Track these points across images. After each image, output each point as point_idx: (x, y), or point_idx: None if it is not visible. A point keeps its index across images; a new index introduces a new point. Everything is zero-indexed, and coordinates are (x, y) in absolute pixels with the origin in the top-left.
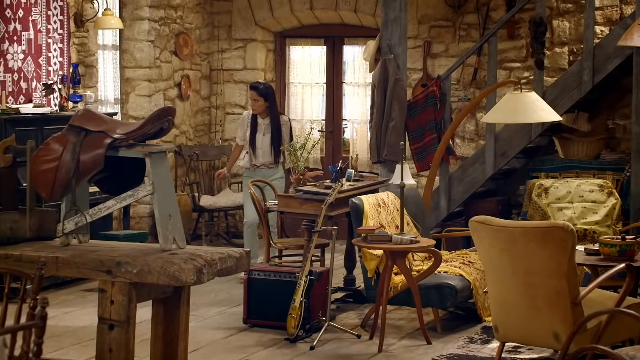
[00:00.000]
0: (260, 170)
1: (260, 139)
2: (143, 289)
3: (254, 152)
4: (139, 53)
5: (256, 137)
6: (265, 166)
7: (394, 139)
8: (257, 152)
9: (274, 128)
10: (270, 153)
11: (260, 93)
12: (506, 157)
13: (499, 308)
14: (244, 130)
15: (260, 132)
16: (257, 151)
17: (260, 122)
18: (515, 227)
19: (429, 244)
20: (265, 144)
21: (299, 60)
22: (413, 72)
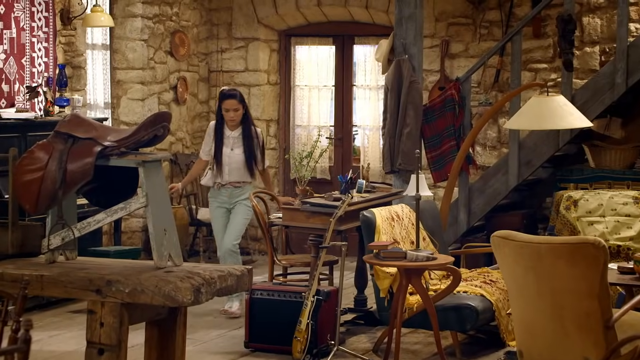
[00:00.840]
0: (226, 190)
1: (228, 154)
2: (135, 310)
3: (219, 169)
4: (131, 53)
5: (223, 152)
6: (232, 185)
7: (409, 146)
8: (223, 169)
9: (248, 141)
10: (244, 170)
11: (241, 100)
12: (531, 166)
13: (524, 331)
14: (210, 144)
15: (228, 146)
16: (224, 168)
17: (229, 134)
18: (542, 243)
19: (447, 261)
20: (236, 159)
21: (305, 61)
22: (429, 74)
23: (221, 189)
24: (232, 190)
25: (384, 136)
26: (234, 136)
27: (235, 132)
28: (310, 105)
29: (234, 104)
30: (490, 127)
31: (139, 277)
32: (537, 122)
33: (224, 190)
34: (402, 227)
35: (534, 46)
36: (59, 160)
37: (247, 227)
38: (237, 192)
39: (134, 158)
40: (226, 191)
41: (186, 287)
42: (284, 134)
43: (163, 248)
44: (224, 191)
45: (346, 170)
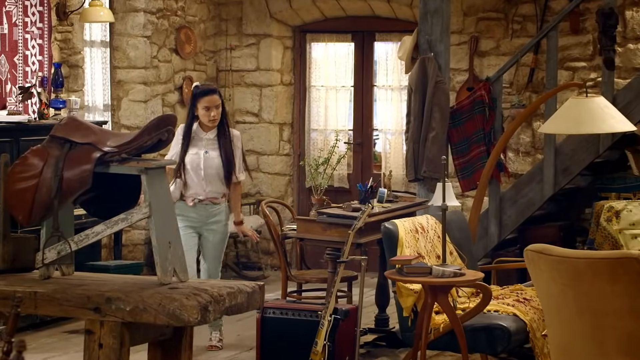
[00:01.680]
0: (202, 207)
1: (203, 158)
2: (137, 330)
3: (193, 179)
4: (133, 51)
5: (193, 158)
6: (210, 201)
7: (435, 152)
8: (200, 179)
9: (225, 142)
10: (220, 181)
11: (220, 97)
12: (569, 174)
13: (561, 354)
14: (177, 149)
15: (201, 148)
16: (201, 177)
17: (203, 135)
18: (580, 258)
19: (476, 277)
20: (212, 167)
21: (321, 59)
22: (457, 74)
23: (197, 206)
24: (209, 207)
25: (407, 141)
26: (208, 138)
27: (210, 134)
28: (327, 107)
29: (215, 100)
30: (524, 131)
31: (141, 294)
32: (575, 126)
33: (200, 207)
34: (427, 240)
35: (572, 43)
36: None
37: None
38: (215, 211)
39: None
40: (202, 208)
41: (192, 305)
42: (299, 139)
43: (167, 262)
44: (199, 209)
45: (366, 178)
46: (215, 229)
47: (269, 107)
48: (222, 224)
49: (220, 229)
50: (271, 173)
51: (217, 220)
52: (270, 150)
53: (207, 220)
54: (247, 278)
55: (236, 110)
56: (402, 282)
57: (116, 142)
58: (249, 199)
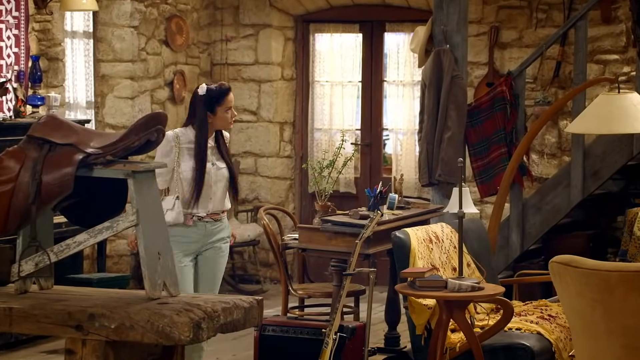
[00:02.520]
0: (201, 225)
1: (212, 172)
2: (123, 349)
3: (200, 195)
4: (118, 42)
5: (205, 172)
6: (212, 218)
7: (451, 154)
8: (208, 196)
9: (225, 149)
10: (224, 194)
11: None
12: (599, 178)
13: None
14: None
15: (209, 161)
16: (210, 193)
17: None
18: (612, 271)
19: (496, 291)
20: (222, 181)
21: (326, 52)
22: (476, 68)
23: (197, 225)
24: (210, 225)
25: (421, 142)
26: (210, 146)
27: (211, 141)
28: (333, 104)
29: (231, 99)
30: (549, 131)
31: (128, 309)
32: (606, 125)
33: (200, 225)
34: (442, 250)
35: (603, 33)
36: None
37: (257, 250)
38: (216, 228)
39: (123, 168)
40: (202, 227)
41: (184, 321)
42: (301, 139)
43: (156, 275)
44: (198, 228)
45: (375, 182)
46: (218, 246)
47: (268, 105)
48: (225, 242)
49: (223, 247)
50: (271, 177)
51: (220, 239)
52: (270, 152)
53: (207, 240)
54: (244, 292)
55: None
56: (414, 296)
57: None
58: (246, 205)
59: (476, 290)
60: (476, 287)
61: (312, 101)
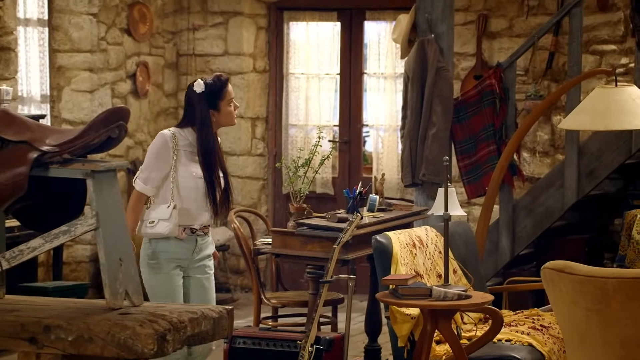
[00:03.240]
0: (191, 239)
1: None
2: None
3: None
4: (76, 31)
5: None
6: (202, 231)
7: (435, 152)
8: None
9: (221, 157)
10: (222, 202)
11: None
12: (595, 178)
13: None
14: (164, 166)
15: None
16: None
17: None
18: (609, 278)
19: (484, 300)
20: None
21: (302, 42)
22: (462, 59)
23: (188, 240)
24: (200, 239)
25: (403, 139)
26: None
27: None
28: (309, 99)
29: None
30: (542, 127)
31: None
32: (603, 121)
33: (191, 240)
34: (426, 256)
35: (599, 22)
36: None
37: (227, 256)
38: (205, 243)
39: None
40: (192, 242)
41: (147, 333)
42: (275, 136)
43: (118, 283)
44: (189, 242)
45: (354, 182)
46: (205, 265)
47: (239, 99)
48: (211, 260)
49: (210, 266)
50: (242, 177)
51: (206, 256)
52: (241, 150)
53: (195, 256)
54: None
55: None
56: (396, 305)
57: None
58: None
59: (463, 298)
60: (463, 295)
61: (286, 95)
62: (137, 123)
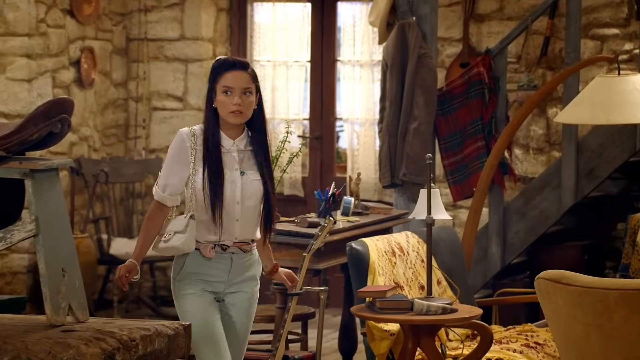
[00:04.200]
0: (225, 258)
1: (237, 181)
2: None
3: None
4: (11, 12)
5: (225, 183)
6: (239, 247)
7: (417, 148)
8: (229, 216)
9: (264, 156)
10: (258, 219)
11: (254, 78)
12: (595, 178)
13: None
14: (183, 169)
15: (231, 167)
16: (231, 213)
17: (231, 147)
18: (611, 289)
19: (471, 314)
20: (253, 197)
21: (268, 25)
22: (447, 45)
23: (219, 258)
24: (237, 258)
25: (382, 134)
26: (238, 148)
27: (239, 141)
28: (275, 89)
29: (243, 79)
30: (536, 121)
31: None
32: (604, 114)
33: (223, 258)
34: (407, 265)
35: (600, 3)
36: None
37: None
38: (245, 262)
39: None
40: (225, 261)
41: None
42: None
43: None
44: (221, 261)
45: (327, 183)
46: (248, 290)
47: (197, 89)
48: (255, 284)
49: (253, 293)
50: None
51: (250, 277)
52: None
53: (234, 278)
54: (168, 317)
55: (153, 92)
56: (374, 321)
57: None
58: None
59: (448, 312)
60: (448, 308)
61: None
62: (81, 116)
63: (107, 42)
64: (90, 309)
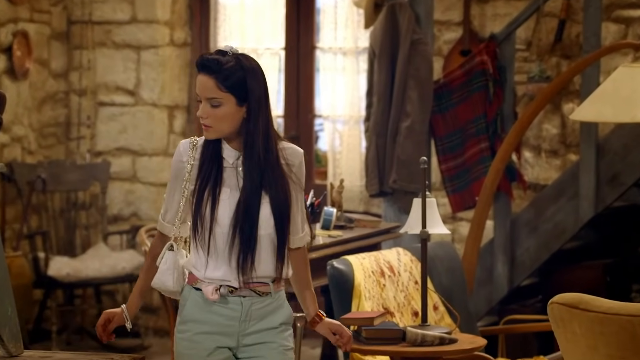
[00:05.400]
0: (235, 302)
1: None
2: None
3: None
4: None
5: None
6: (252, 289)
7: (410, 151)
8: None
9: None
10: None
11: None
12: (619, 185)
13: None
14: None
15: (233, 186)
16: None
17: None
18: (637, 316)
19: (474, 345)
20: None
21: (235, 6)
22: (445, 29)
23: (227, 301)
24: (252, 303)
25: (368, 134)
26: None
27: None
28: None
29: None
30: (549, 119)
31: None
32: (629, 110)
33: (233, 303)
34: (398, 287)
35: None
36: None
37: None
38: (265, 308)
39: None
40: (235, 306)
41: None
42: (198, 131)
43: None
44: (229, 306)
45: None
46: (272, 341)
47: (151, 81)
48: (284, 333)
49: (281, 341)
50: (156, 184)
51: (273, 327)
52: (154, 149)
53: (248, 328)
54: (118, 349)
55: (100, 85)
56: (359, 352)
57: None
58: (120, 224)
59: (446, 343)
60: (446, 338)
61: None
62: (14, 113)
63: (44, 25)
64: (24, 341)
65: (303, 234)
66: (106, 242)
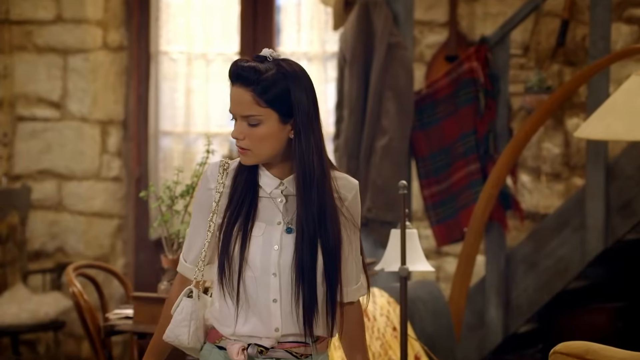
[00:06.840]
0: None
1: (276, 246)
2: None
3: (238, 297)
4: None
5: (252, 239)
6: (289, 351)
7: (387, 174)
8: (256, 303)
9: (321, 211)
10: (320, 302)
11: (267, 98)
12: (631, 214)
13: None
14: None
15: (270, 221)
16: (260, 297)
17: (274, 190)
18: None
19: None
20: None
21: (179, 5)
22: (428, 31)
23: None
24: None
25: (338, 154)
26: (288, 192)
27: (290, 182)
28: (191, 91)
29: (242, 102)
30: (550, 136)
31: None
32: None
33: None
34: (373, 334)
35: None
36: None
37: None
38: None
39: None
40: None
41: None
42: (138, 150)
43: None
44: None
45: None
46: None
47: (80, 92)
48: None
49: None
50: (85, 213)
51: None
52: (84, 172)
53: None
54: None
55: (19, 95)
56: None
57: None
58: (42, 261)
59: None
60: None
61: (155, 86)
62: None
63: None
64: None
65: (357, 285)
66: (26, 282)
